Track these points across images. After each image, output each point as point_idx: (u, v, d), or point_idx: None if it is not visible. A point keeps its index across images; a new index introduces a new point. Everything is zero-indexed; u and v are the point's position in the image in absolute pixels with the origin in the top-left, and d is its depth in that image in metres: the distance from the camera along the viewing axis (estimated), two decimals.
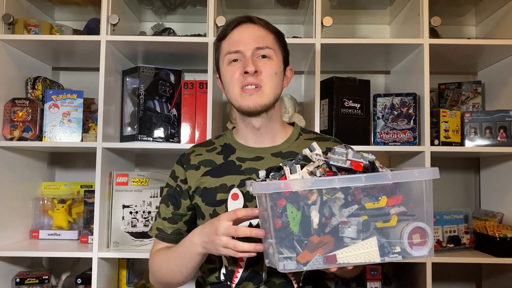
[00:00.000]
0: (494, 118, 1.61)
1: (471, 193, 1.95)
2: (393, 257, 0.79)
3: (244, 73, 1.02)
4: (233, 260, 1.04)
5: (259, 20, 1.07)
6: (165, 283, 1.09)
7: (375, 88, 1.91)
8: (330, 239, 0.78)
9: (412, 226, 0.79)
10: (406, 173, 0.79)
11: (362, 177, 0.76)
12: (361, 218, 0.78)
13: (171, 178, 1.14)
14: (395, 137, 1.63)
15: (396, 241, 0.79)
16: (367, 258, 0.78)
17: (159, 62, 1.76)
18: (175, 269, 1.04)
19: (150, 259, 1.12)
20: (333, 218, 0.78)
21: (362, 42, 1.58)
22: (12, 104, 1.58)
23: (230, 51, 1.05)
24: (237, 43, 1.04)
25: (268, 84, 1.04)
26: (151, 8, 1.86)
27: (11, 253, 1.52)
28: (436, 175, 0.79)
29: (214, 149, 1.14)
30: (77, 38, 1.57)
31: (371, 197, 0.79)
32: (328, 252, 0.78)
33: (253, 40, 1.04)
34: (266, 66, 1.04)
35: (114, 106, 1.64)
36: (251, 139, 1.11)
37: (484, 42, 1.58)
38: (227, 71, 1.06)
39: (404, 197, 0.80)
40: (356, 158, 0.81)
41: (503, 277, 1.71)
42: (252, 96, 1.03)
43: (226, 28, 1.08)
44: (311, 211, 0.78)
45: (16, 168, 1.64)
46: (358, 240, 0.78)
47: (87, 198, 1.68)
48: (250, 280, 1.03)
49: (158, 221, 1.13)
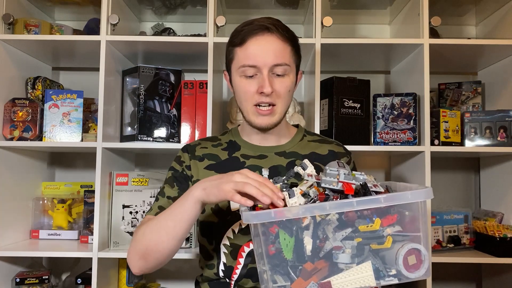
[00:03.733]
0: (494, 118, 1.61)
1: (471, 193, 1.95)
2: (389, 280, 0.78)
3: (259, 92, 1.01)
4: (232, 256, 1.03)
5: (277, 29, 1.01)
6: (146, 252, 0.95)
7: (375, 88, 1.92)
8: (324, 264, 0.77)
9: (407, 248, 0.77)
10: (398, 196, 0.77)
11: (353, 202, 0.75)
12: (355, 241, 0.77)
13: (176, 162, 1.13)
14: (395, 137, 1.63)
15: (391, 264, 0.77)
16: (363, 283, 0.77)
17: (159, 62, 1.76)
18: (162, 228, 0.93)
19: (134, 232, 1.02)
20: (327, 242, 0.77)
21: (362, 42, 1.58)
22: (12, 104, 1.59)
23: (245, 65, 1.01)
24: (254, 58, 1.00)
25: (281, 102, 1.04)
26: (151, 8, 1.86)
27: (11, 253, 1.52)
28: (430, 196, 0.77)
29: (219, 144, 1.15)
30: (77, 38, 1.57)
31: (365, 219, 0.78)
32: (323, 278, 0.76)
33: (271, 57, 1.00)
34: (281, 85, 1.02)
35: (114, 106, 1.64)
36: (256, 138, 1.12)
37: (484, 42, 1.58)
38: (240, 84, 1.04)
39: (398, 215, 0.78)
40: (348, 179, 0.80)
41: (503, 277, 1.71)
42: (265, 116, 1.03)
43: (243, 35, 1.02)
44: (304, 237, 0.77)
45: (16, 168, 1.64)
46: (353, 264, 0.77)
47: (87, 198, 1.68)
48: (249, 277, 1.03)
49: (161, 201, 1.08)
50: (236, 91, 1.07)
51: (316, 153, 1.12)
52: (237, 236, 1.03)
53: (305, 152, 1.12)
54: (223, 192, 0.82)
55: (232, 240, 1.03)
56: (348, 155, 1.16)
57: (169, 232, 0.92)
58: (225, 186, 0.82)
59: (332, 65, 1.85)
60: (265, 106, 1.02)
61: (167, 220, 0.93)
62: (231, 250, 1.04)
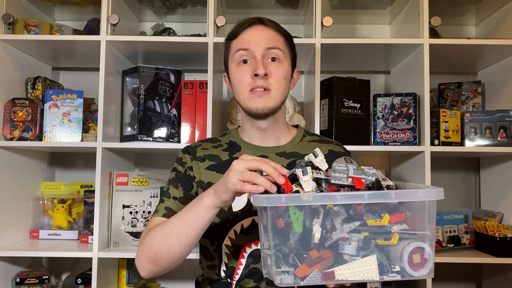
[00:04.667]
0: (494, 118, 1.61)
1: (471, 193, 1.95)
2: (392, 277, 0.78)
3: (254, 76, 1.02)
4: (234, 256, 1.03)
5: (270, 22, 1.07)
6: (155, 257, 0.95)
7: (375, 88, 1.91)
8: (329, 254, 0.77)
9: (413, 246, 0.77)
10: (410, 193, 0.77)
11: (365, 195, 0.75)
12: (361, 234, 0.77)
13: (179, 164, 1.12)
14: (395, 137, 1.63)
15: (396, 261, 0.78)
16: (366, 276, 0.77)
17: (159, 62, 1.76)
18: (173, 234, 0.92)
19: (142, 235, 1.01)
20: (334, 232, 0.77)
21: (362, 42, 1.58)
22: (12, 104, 1.59)
23: (239, 49, 1.05)
24: (247, 43, 1.05)
25: (277, 88, 1.04)
26: (151, 8, 1.86)
27: (11, 253, 1.52)
28: (441, 196, 0.78)
29: (219, 145, 1.15)
30: (77, 38, 1.57)
31: (374, 214, 0.78)
32: (327, 268, 0.77)
33: (263, 41, 1.04)
34: (275, 70, 1.04)
35: (114, 106, 1.64)
36: (256, 138, 1.12)
37: (484, 42, 1.58)
38: (236, 72, 1.07)
39: (407, 214, 0.79)
40: (358, 174, 0.80)
41: (503, 277, 1.71)
42: (260, 98, 1.03)
43: (237, 29, 1.08)
44: (313, 225, 0.77)
45: (16, 168, 1.64)
46: (357, 257, 0.77)
47: (87, 198, 1.68)
48: (251, 277, 1.03)
49: (167, 202, 1.06)
50: (233, 82, 1.09)
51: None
52: (239, 236, 1.03)
53: (305, 152, 1.12)
54: (231, 186, 0.82)
55: (234, 241, 1.04)
56: (348, 155, 1.17)
57: (181, 239, 0.92)
58: (231, 179, 0.82)
59: (332, 65, 1.85)
60: (259, 89, 1.03)
61: (178, 226, 0.92)
62: (232, 251, 1.04)
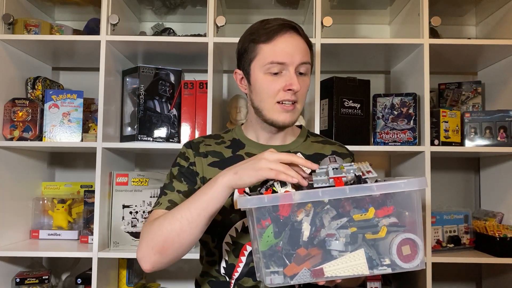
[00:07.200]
0: (494, 118, 1.61)
1: (471, 193, 1.95)
2: (382, 270, 0.77)
3: (286, 89, 1.01)
4: (234, 254, 1.03)
5: (302, 30, 1.05)
6: (164, 245, 0.92)
7: (375, 88, 1.91)
8: (317, 251, 0.77)
9: (401, 238, 0.77)
10: (392, 184, 0.77)
11: (346, 189, 0.76)
12: (349, 230, 0.77)
13: (182, 159, 1.10)
14: (395, 137, 1.63)
15: (385, 254, 0.77)
16: (356, 271, 0.76)
17: (159, 62, 1.76)
18: (184, 217, 0.90)
19: (144, 228, 0.98)
20: (322, 230, 0.77)
21: (362, 42, 1.58)
22: (12, 104, 1.59)
23: (274, 62, 1.01)
24: (283, 55, 1.00)
25: (301, 102, 1.05)
26: (151, 8, 1.86)
27: (11, 253, 1.52)
28: (423, 185, 0.77)
29: (223, 142, 1.14)
30: (77, 38, 1.57)
31: (360, 209, 0.78)
32: (316, 265, 0.77)
33: (298, 55, 1.01)
34: (304, 84, 1.04)
35: (114, 106, 1.64)
36: (264, 139, 1.12)
37: (484, 42, 1.58)
38: (264, 81, 1.03)
39: (395, 207, 0.78)
40: (337, 174, 0.80)
41: (503, 277, 1.71)
42: (288, 112, 1.03)
43: (271, 32, 1.01)
44: (303, 223, 0.78)
45: (16, 168, 1.64)
46: (346, 252, 0.77)
47: (87, 198, 1.68)
48: (250, 275, 1.02)
49: (170, 194, 1.04)
50: (258, 88, 1.04)
51: (320, 153, 1.12)
52: (240, 234, 1.03)
53: (309, 152, 1.12)
54: (263, 172, 0.83)
55: (234, 239, 1.03)
56: (351, 156, 1.17)
57: (193, 221, 0.90)
58: (263, 166, 0.83)
59: (332, 65, 1.85)
60: (288, 102, 1.03)
61: (190, 208, 0.91)
62: (233, 248, 1.03)
